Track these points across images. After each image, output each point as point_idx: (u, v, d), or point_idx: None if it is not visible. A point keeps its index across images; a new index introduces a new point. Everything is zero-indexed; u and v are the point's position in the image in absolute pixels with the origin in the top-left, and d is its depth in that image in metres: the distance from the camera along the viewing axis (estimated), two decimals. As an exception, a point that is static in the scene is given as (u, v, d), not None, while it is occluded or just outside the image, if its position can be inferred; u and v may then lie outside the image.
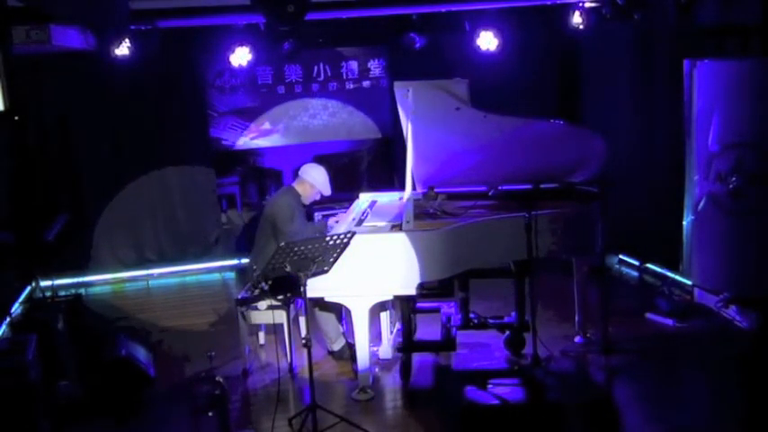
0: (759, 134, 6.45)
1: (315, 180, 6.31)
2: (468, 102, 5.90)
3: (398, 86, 5.82)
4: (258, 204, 10.18)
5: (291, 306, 6.08)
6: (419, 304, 6.35)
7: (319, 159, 9.92)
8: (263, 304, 6.04)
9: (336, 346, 6.29)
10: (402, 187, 6.11)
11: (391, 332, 6.45)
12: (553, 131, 6.31)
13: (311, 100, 9.82)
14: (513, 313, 6.23)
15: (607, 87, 8.71)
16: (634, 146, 8.15)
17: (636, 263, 8.32)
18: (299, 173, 6.39)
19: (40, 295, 7.38)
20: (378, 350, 6.23)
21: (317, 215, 8.48)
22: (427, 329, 6.53)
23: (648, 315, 6.89)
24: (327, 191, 6.39)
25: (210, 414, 4.93)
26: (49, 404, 5.28)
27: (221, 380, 5.05)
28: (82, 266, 8.96)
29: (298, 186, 6.35)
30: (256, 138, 9.78)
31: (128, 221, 9.18)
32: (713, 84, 6.73)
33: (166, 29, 7.64)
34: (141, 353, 6.00)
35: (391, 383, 5.91)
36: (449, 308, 6.38)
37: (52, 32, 6.43)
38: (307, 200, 6.38)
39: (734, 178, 6.60)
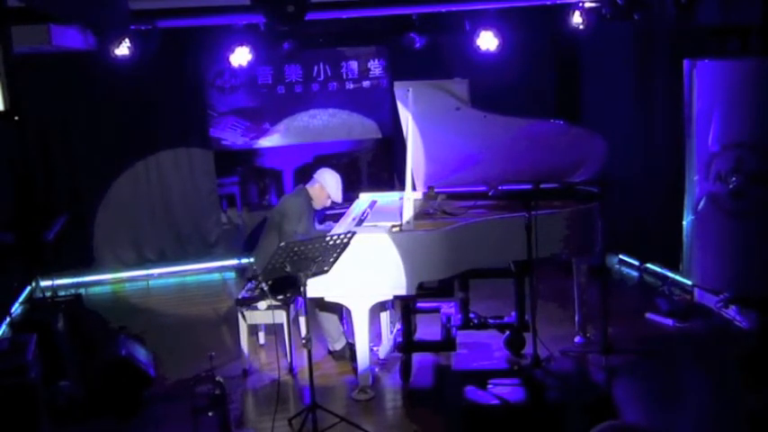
0: (759, 134, 6.45)
1: (326, 184, 6.29)
2: (468, 102, 5.90)
3: (398, 86, 5.83)
4: (258, 204, 10.18)
5: (291, 306, 6.07)
6: (419, 304, 6.34)
7: (320, 159, 9.93)
8: (263, 304, 6.04)
9: (338, 346, 6.29)
10: (402, 187, 6.11)
11: (391, 332, 6.45)
12: (553, 131, 6.31)
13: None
14: (513, 313, 6.23)
15: (607, 87, 8.71)
16: (634, 146, 8.14)
17: (636, 263, 8.31)
18: (314, 175, 6.38)
19: (40, 295, 7.39)
20: (378, 350, 6.23)
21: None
22: (427, 329, 6.52)
23: (648, 315, 6.88)
24: (338, 198, 6.36)
25: (210, 414, 4.93)
26: (49, 404, 5.27)
27: (221, 380, 5.05)
28: (82, 266, 8.96)
29: (310, 189, 6.34)
30: (256, 138, 9.78)
31: (127, 221, 9.18)
32: (713, 84, 6.73)
33: (166, 29, 7.63)
34: (141, 353, 5.99)
35: (391, 383, 5.91)
36: (449, 308, 6.37)
37: (52, 32, 6.42)
38: (318, 204, 6.36)
39: (734, 178, 6.60)
